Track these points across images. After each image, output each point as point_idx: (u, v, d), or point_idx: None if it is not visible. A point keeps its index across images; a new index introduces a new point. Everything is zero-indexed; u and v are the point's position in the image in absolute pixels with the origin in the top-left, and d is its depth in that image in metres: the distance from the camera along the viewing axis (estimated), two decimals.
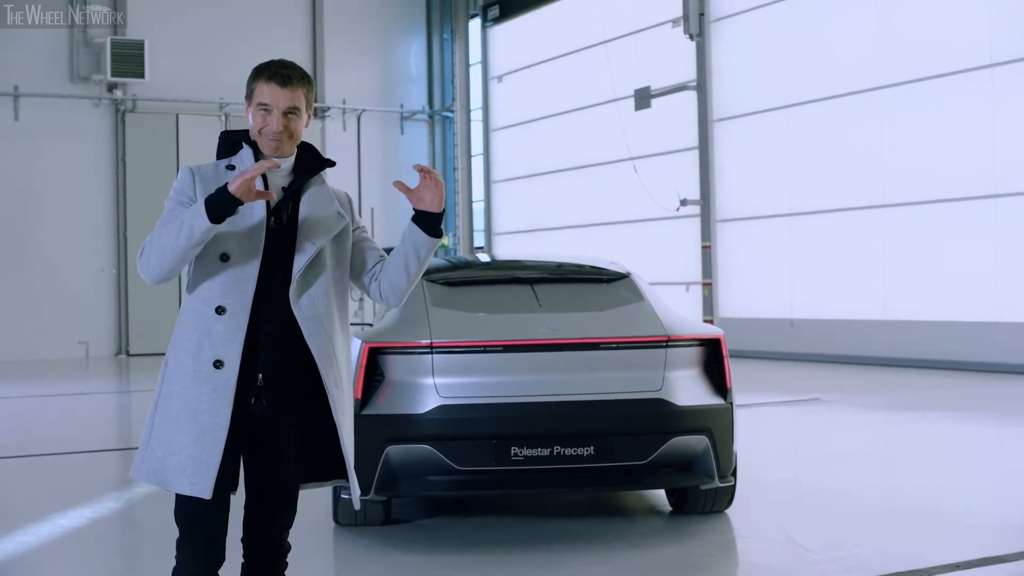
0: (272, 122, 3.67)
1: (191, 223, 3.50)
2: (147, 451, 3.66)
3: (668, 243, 22.55)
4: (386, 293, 3.86)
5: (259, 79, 3.71)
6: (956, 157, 16.94)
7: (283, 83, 3.68)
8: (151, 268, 3.60)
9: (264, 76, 3.70)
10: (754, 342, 20.04)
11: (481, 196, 28.71)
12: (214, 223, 3.49)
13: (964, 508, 7.17)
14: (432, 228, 3.77)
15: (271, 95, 3.67)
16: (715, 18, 21.40)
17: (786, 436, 11.38)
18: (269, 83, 3.68)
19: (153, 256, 3.58)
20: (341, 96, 27.19)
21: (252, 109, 3.72)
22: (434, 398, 6.17)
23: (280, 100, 3.67)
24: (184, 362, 3.63)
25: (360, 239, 3.92)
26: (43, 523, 7.16)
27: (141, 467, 3.66)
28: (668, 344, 6.40)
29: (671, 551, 6.21)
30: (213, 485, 3.57)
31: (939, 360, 16.93)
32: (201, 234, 3.51)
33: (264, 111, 3.68)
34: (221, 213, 3.49)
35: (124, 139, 24.59)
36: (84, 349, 24.02)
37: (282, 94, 3.67)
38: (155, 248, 3.58)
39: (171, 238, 3.53)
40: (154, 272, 3.61)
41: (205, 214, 3.48)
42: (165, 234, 3.56)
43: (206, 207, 3.48)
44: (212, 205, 3.48)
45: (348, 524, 6.71)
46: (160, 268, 3.59)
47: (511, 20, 27.37)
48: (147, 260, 3.60)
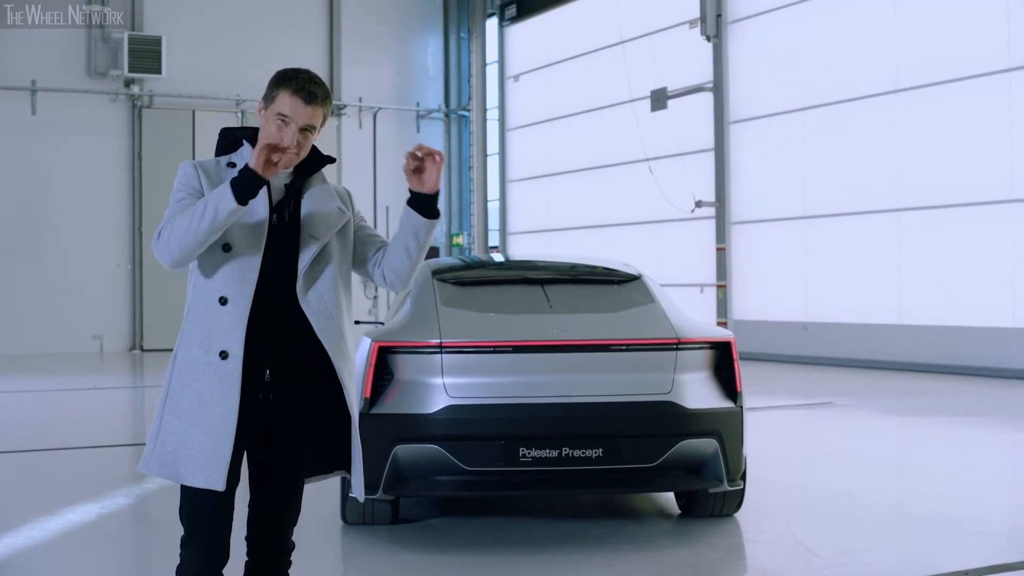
0: (287, 135, 3.63)
1: (217, 204, 3.49)
2: (157, 444, 3.66)
3: (683, 244, 22.51)
4: (390, 278, 3.86)
5: (284, 89, 3.65)
6: (973, 161, 16.86)
7: (308, 100, 3.64)
8: (171, 250, 3.56)
9: (291, 88, 3.64)
10: (768, 345, 19.99)
11: (496, 195, 28.70)
12: (241, 204, 3.49)
13: (975, 514, 7.13)
14: (428, 209, 3.76)
15: (293, 108, 3.63)
16: (732, 19, 21.35)
17: (798, 440, 11.34)
18: (294, 97, 3.63)
19: (174, 238, 3.55)
20: (357, 94, 27.22)
21: (269, 114, 3.67)
22: (443, 398, 6.17)
23: (300, 116, 3.63)
24: (195, 354, 3.63)
25: (359, 227, 3.92)
26: (53, 517, 7.18)
27: (151, 460, 3.66)
28: (678, 347, 6.38)
29: (680, 554, 6.19)
30: (225, 477, 3.57)
31: (954, 365, 16.85)
32: (226, 215, 3.50)
33: (282, 122, 3.64)
34: (246, 194, 3.49)
35: (140, 135, 24.65)
36: (98, 344, 24.09)
37: (304, 111, 3.64)
38: (175, 231, 3.54)
39: (195, 220, 3.51)
40: (173, 254, 3.57)
41: (232, 195, 3.48)
42: (187, 217, 3.53)
43: (232, 188, 3.48)
44: (238, 185, 3.48)
45: (356, 523, 6.70)
46: (180, 250, 3.55)
47: (528, 20, 27.37)
48: (166, 243, 3.56)
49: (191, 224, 3.51)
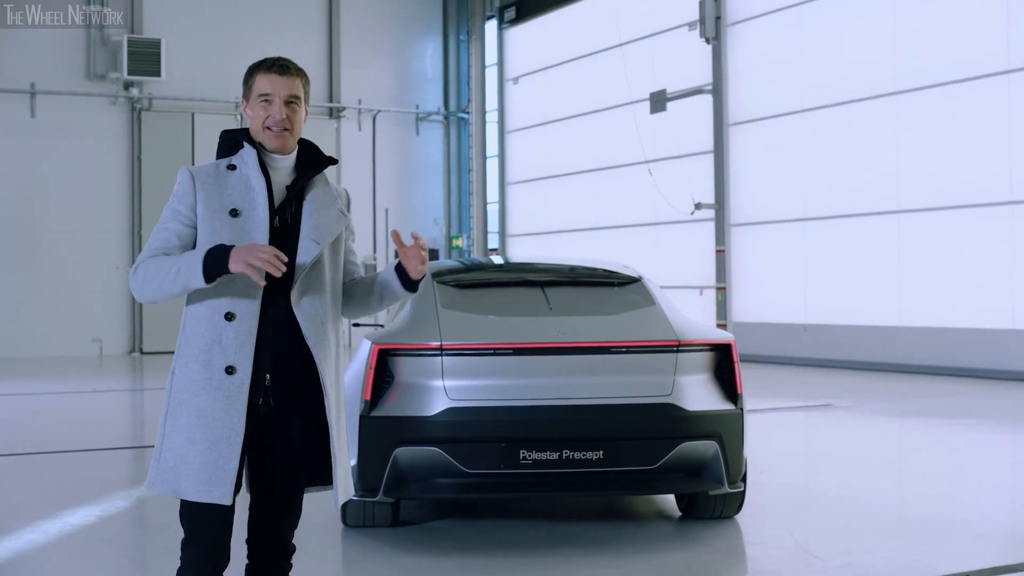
0: (275, 111, 3.71)
1: (187, 276, 3.55)
2: (159, 462, 3.67)
3: (682, 247, 22.52)
4: (344, 310, 3.95)
5: (257, 72, 3.77)
6: (973, 163, 16.86)
7: (282, 72, 3.73)
8: (143, 294, 3.67)
9: (262, 68, 3.76)
10: (768, 347, 19.99)
11: (496, 198, 28.69)
12: (208, 283, 3.54)
13: (975, 516, 7.13)
14: (410, 284, 3.84)
15: (271, 84, 3.72)
16: (731, 22, 21.36)
17: (798, 442, 11.34)
18: (267, 74, 3.73)
19: (147, 287, 3.64)
20: (357, 96, 27.22)
21: (252, 104, 3.76)
22: (443, 400, 6.16)
23: (281, 88, 3.72)
24: (194, 370, 3.63)
25: (348, 250, 3.97)
26: (53, 520, 7.17)
27: (155, 479, 3.67)
28: (679, 349, 6.38)
29: (680, 556, 6.19)
30: (232, 492, 3.58)
31: (954, 367, 16.85)
32: (194, 288, 3.58)
33: (265, 102, 3.72)
34: (215, 276, 3.53)
35: (140, 137, 24.66)
36: (98, 347, 24.10)
37: (282, 82, 3.72)
38: (149, 280, 3.63)
39: (167, 279, 3.59)
40: (146, 299, 3.68)
41: (201, 274, 3.52)
42: (160, 272, 3.60)
43: (204, 270, 3.51)
44: (209, 269, 3.51)
45: (356, 525, 6.69)
46: (153, 298, 3.66)
47: (527, 22, 27.38)
48: (140, 285, 3.66)
49: (163, 282, 3.60)
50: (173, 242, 3.68)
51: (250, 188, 3.70)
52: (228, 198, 3.69)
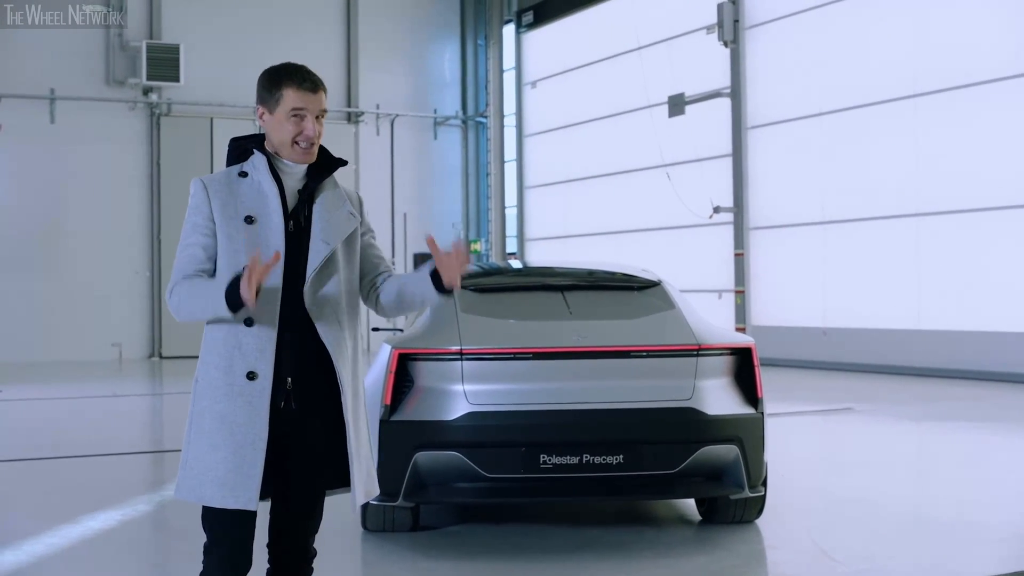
0: (308, 127, 3.70)
1: (215, 308, 3.59)
2: (186, 469, 3.68)
3: (701, 250, 22.47)
4: (380, 309, 3.95)
5: (287, 86, 3.71)
6: (992, 166, 16.80)
7: (314, 89, 3.72)
8: (181, 316, 3.72)
9: (294, 82, 3.71)
10: (787, 350, 19.93)
11: (514, 202, 28.67)
12: (234, 312, 3.57)
13: (997, 520, 7.10)
14: (444, 290, 3.81)
15: (305, 100, 3.70)
16: (750, 25, 21.32)
17: (818, 445, 11.31)
18: (300, 90, 3.70)
19: (183, 309, 3.69)
20: (375, 101, 27.26)
21: (280, 117, 3.71)
22: (463, 405, 6.17)
23: (313, 105, 3.71)
24: (215, 376, 3.65)
25: (368, 244, 3.96)
26: (73, 525, 7.19)
27: (182, 486, 3.69)
28: (699, 353, 6.37)
29: (700, 561, 6.18)
30: (256, 497, 3.59)
31: (974, 370, 16.78)
32: (224, 316, 3.61)
33: (298, 117, 3.70)
34: (238, 306, 3.56)
35: (159, 143, 24.75)
36: (117, 351, 24.17)
37: (314, 99, 3.72)
38: (184, 305, 3.67)
39: (197, 309, 3.65)
40: (184, 320, 3.74)
41: (227, 310, 3.56)
42: (194, 297, 3.64)
43: (227, 300, 3.54)
44: (231, 303, 3.54)
45: (376, 530, 6.70)
46: (190, 319, 3.70)
47: (545, 26, 27.36)
48: (177, 308, 3.70)
49: (194, 310, 3.67)
50: (200, 256, 3.69)
51: (263, 194, 3.71)
52: (242, 205, 3.70)
